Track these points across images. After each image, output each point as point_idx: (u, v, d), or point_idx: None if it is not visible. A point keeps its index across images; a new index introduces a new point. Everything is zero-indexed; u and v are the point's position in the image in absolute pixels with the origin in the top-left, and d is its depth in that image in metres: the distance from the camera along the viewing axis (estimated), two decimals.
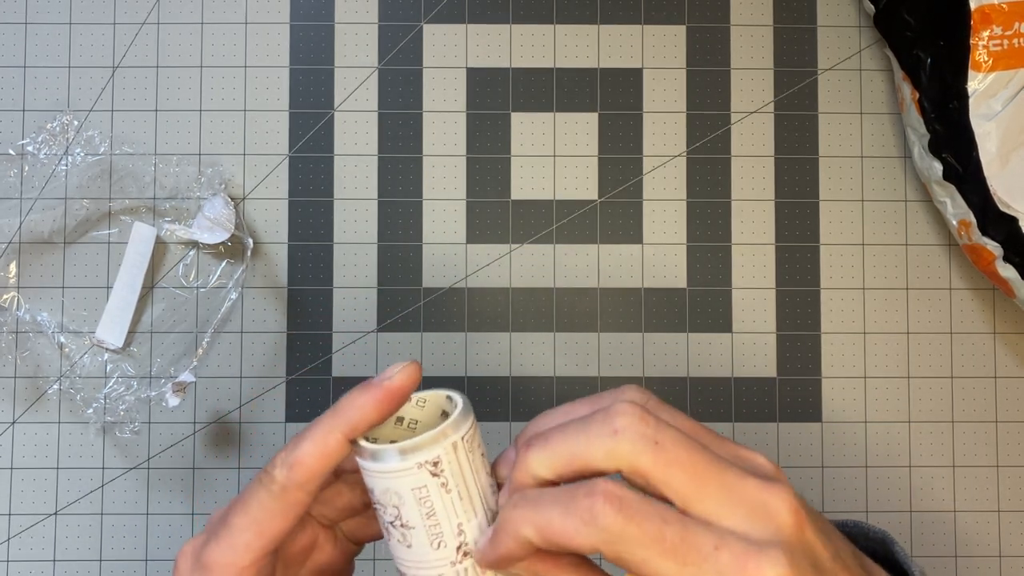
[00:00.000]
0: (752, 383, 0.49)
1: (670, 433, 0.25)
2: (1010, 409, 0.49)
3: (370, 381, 0.28)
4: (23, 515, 0.48)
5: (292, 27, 0.50)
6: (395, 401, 0.28)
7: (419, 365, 0.28)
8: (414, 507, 0.27)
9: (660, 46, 0.50)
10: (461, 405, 0.28)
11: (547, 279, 0.49)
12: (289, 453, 0.28)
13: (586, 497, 0.24)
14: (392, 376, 0.28)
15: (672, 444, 0.25)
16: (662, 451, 0.25)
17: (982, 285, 0.50)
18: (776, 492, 0.25)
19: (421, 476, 0.27)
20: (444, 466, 0.27)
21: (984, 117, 0.43)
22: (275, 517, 0.28)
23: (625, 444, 0.25)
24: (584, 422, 0.26)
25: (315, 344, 0.49)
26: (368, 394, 0.28)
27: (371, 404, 0.28)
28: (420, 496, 0.27)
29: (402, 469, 0.27)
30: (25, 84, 0.49)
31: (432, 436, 0.27)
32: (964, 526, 0.49)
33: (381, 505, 0.28)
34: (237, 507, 0.28)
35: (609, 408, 0.26)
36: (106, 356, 0.48)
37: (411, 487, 0.27)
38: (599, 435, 0.25)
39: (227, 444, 0.49)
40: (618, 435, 0.25)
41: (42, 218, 0.48)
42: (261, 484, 0.28)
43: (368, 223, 0.49)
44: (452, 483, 0.27)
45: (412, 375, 0.28)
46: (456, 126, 0.50)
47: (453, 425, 0.27)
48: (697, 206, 0.50)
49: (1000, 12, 0.43)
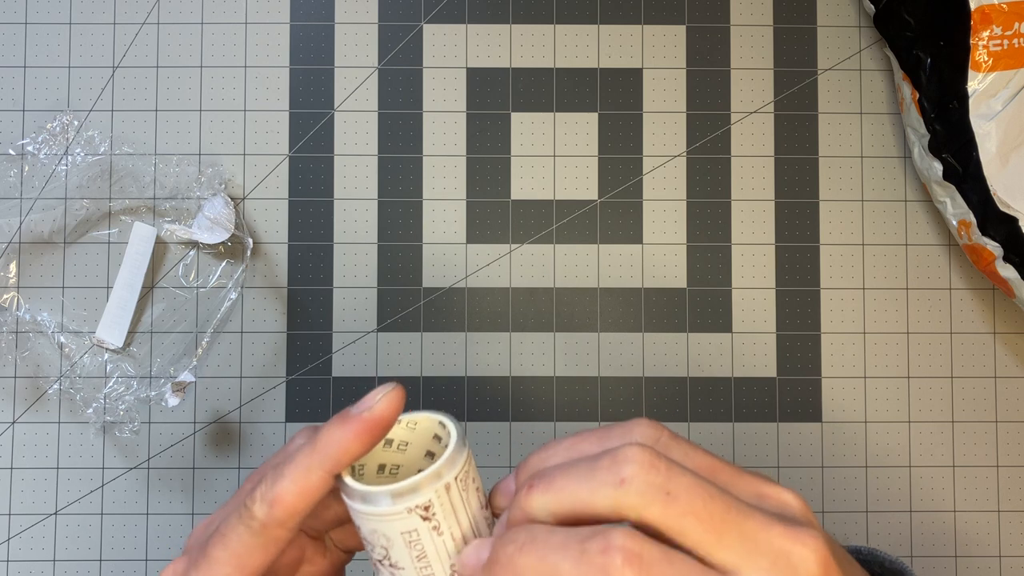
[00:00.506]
0: (752, 383, 0.49)
1: (683, 480, 0.23)
2: (1010, 409, 0.49)
3: (349, 412, 0.26)
4: (23, 515, 0.48)
5: (292, 27, 0.50)
6: (377, 433, 0.26)
7: (402, 390, 0.27)
8: (403, 550, 0.26)
9: (660, 46, 0.50)
10: (454, 440, 0.26)
11: (547, 279, 0.49)
12: (269, 489, 0.26)
13: (600, 554, 0.22)
14: (372, 406, 0.26)
15: (685, 492, 0.23)
16: (674, 502, 0.23)
17: (982, 285, 0.50)
18: (802, 539, 0.23)
19: (411, 521, 0.25)
20: (436, 509, 0.25)
21: (984, 117, 0.43)
22: (255, 552, 0.27)
23: (632, 497, 0.23)
24: (590, 467, 0.24)
25: (315, 344, 0.49)
26: (348, 427, 0.26)
27: (351, 438, 0.26)
28: (410, 540, 0.26)
29: (391, 513, 0.25)
30: (25, 84, 0.49)
31: (423, 479, 0.25)
32: (964, 526, 0.49)
33: (368, 543, 0.27)
34: (216, 540, 0.27)
35: (617, 453, 0.24)
36: (106, 356, 0.48)
37: (400, 531, 0.25)
38: (604, 483, 0.24)
39: (227, 444, 0.49)
40: (625, 485, 0.23)
41: (42, 218, 0.48)
42: (240, 519, 0.27)
43: (368, 223, 0.49)
44: (444, 525, 0.26)
45: (393, 403, 0.26)
46: (456, 126, 0.50)
47: (446, 465, 0.25)
48: (697, 206, 0.50)
49: (1000, 12, 0.43)
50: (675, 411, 0.49)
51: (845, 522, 0.49)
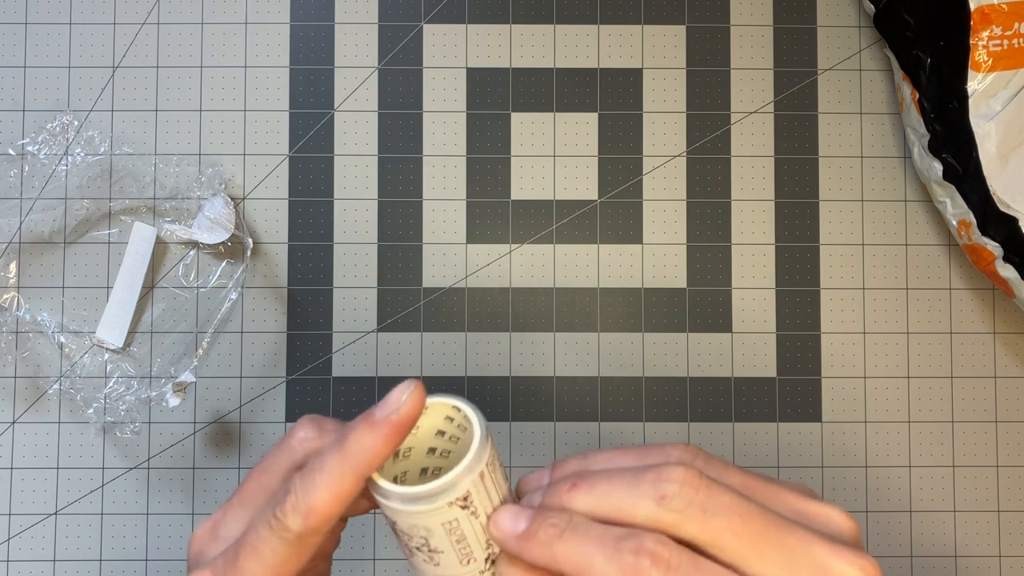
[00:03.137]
0: (752, 383, 0.49)
1: (722, 499, 0.24)
2: (1010, 409, 0.49)
3: (375, 416, 0.27)
4: (23, 515, 0.48)
5: (292, 27, 0.50)
6: (405, 433, 0.27)
7: (423, 387, 0.27)
8: (443, 537, 0.27)
9: (660, 46, 0.50)
10: (480, 429, 0.27)
11: (547, 279, 0.49)
12: (301, 499, 0.26)
13: (632, 553, 0.23)
14: (399, 409, 0.27)
15: (724, 510, 0.24)
16: (711, 519, 0.24)
17: (982, 285, 0.50)
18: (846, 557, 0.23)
19: (452, 512, 0.26)
20: (473, 497, 0.26)
21: (984, 117, 0.43)
22: (290, 562, 0.27)
23: (671, 514, 0.24)
24: (634, 477, 0.25)
25: (315, 344, 0.49)
26: (378, 433, 0.26)
27: (382, 442, 0.26)
28: (450, 528, 0.27)
29: (432, 509, 0.26)
30: (25, 84, 0.49)
31: (460, 474, 0.26)
32: (964, 526, 0.49)
33: (406, 535, 0.27)
34: (248, 552, 0.27)
35: (661, 470, 0.25)
36: (106, 356, 0.48)
37: (441, 522, 0.26)
38: (646, 496, 0.24)
39: (227, 444, 0.49)
40: (666, 502, 0.24)
41: (42, 218, 0.48)
42: (273, 532, 0.27)
43: (368, 223, 0.49)
44: (480, 508, 0.27)
45: (419, 402, 0.27)
46: (456, 126, 0.50)
47: (477, 455, 0.26)
48: (697, 206, 0.50)
49: (1000, 12, 0.43)
50: (675, 411, 0.49)
51: None
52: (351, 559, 0.48)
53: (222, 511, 0.30)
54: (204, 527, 0.30)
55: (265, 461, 0.30)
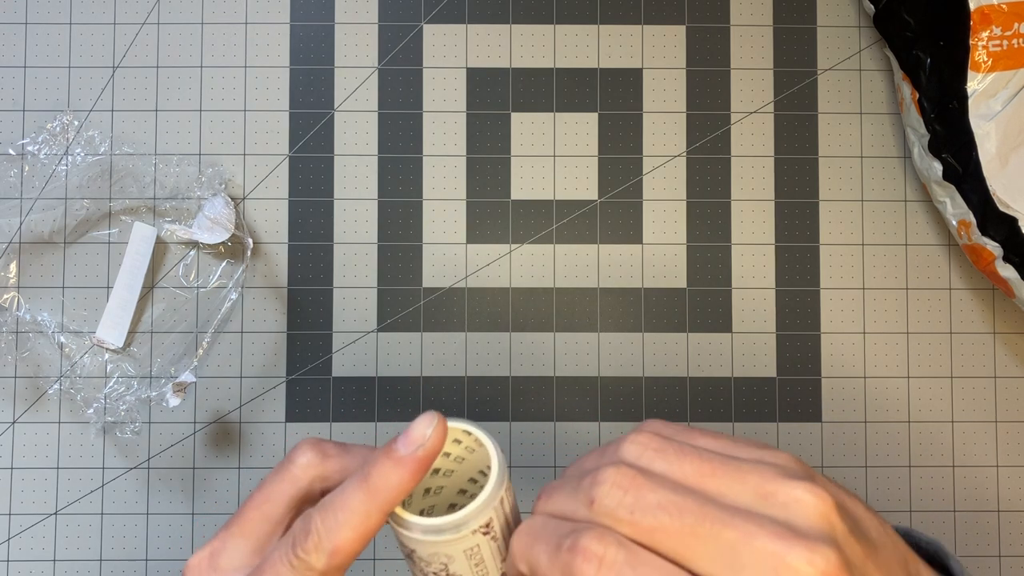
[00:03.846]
0: (752, 383, 0.49)
1: (650, 498, 0.24)
2: (1010, 409, 0.49)
3: (398, 450, 0.27)
4: (23, 515, 0.48)
5: (292, 27, 0.50)
6: (428, 467, 0.27)
7: (444, 419, 0.27)
8: (464, 562, 0.27)
9: (660, 46, 0.50)
10: (496, 456, 0.27)
11: (547, 279, 0.49)
12: (324, 539, 0.26)
13: (568, 551, 0.23)
14: (424, 444, 0.27)
15: (653, 510, 0.23)
16: (641, 518, 0.23)
17: (982, 285, 0.50)
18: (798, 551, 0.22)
19: (475, 539, 0.27)
20: (494, 523, 0.27)
21: (984, 117, 0.43)
22: None
23: (601, 516, 0.24)
24: (574, 487, 0.26)
25: (315, 344, 0.49)
26: (404, 469, 0.27)
27: (408, 478, 0.27)
28: (471, 553, 0.27)
29: (457, 538, 0.26)
30: (25, 84, 0.49)
31: (483, 504, 0.26)
32: (964, 526, 0.49)
33: (424, 562, 0.27)
34: None
35: (596, 473, 0.25)
36: (106, 356, 0.48)
37: (463, 549, 0.27)
38: (580, 503, 0.25)
39: (227, 444, 0.49)
40: (594, 506, 0.24)
41: (42, 218, 0.48)
42: (294, 571, 0.27)
43: (368, 223, 0.49)
44: (499, 532, 0.27)
45: (441, 436, 0.27)
46: (456, 126, 0.50)
47: (497, 484, 0.27)
48: (697, 206, 0.50)
49: (1000, 12, 0.43)
50: (675, 411, 0.49)
51: None
52: None
53: (220, 540, 0.29)
54: (201, 555, 0.30)
55: (265, 489, 0.29)
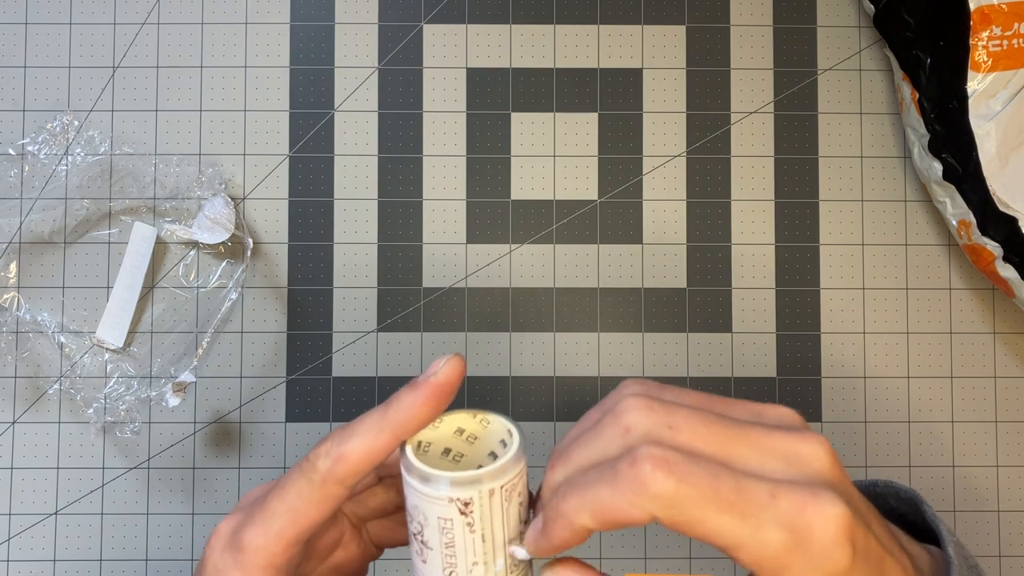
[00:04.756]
0: (752, 383, 0.49)
1: (681, 412, 0.25)
2: (1010, 409, 0.49)
3: (416, 379, 0.28)
4: (23, 515, 0.48)
5: (292, 27, 0.50)
6: (442, 398, 0.28)
7: (462, 359, 0.28)
8: (436, 533, 0.27)
9: (660, 46, 0.50)
10: (511, 453, 0.27)
11: (547, 279, 0.49)
12: (335, 445, 0.27)
13: (630, 467, 0.24)
14: (437, 372, 0.28)
15: (686, 422, 0.25)
16: (678, 432, 0.25)
17: (982, 285, 0.50)
18: (806, 440, 0.25)
19: (449, 509, 0.26)
20: (475, 508, 0.26)
21: (984, 117, 0.43)
22: (311, 507, 0.28)
23: (639, 438, 0.25)
24: (596, 429, 0.26)
25: (315, 344, 0.49)
26: (416, 392, 0.27)
27: (420, 402, 0.27)
28: (443, 526, 0.27)
29: (433, 496, 0.26)
30: (25, 84, 0.49)
31: (470, 477, 0.26)
32: (964, 526, 0.49)
33: (409, 516, 0.28)
34: (276, 492, 0.28)
35: (615, 407, 0.26)
36: (106, 356, 0.48)
37: (437, 515, 0.27)
38: (612, 438, 0.25)
39: (227, 444, 0.49)
40: (631, 432, 0.25)
41: (42, 218, 0.48)
42: (302, 472, 0.28)
43: (368, 223, 0.49)
44: (479, 525, 0.27)
45: (456, 369, 0.28)
46: (456, 126, 0.50)
47: (496, 472, 0.27)
48: (697, 206, 0.50)
49: (1000, 12, 0.43)
50: None
51: None
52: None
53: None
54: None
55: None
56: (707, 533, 0.24)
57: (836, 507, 0.23)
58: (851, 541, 0.23)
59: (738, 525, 0.23)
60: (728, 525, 0.23)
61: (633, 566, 0.49)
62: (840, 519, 0.23)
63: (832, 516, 0.23)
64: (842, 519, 0.23)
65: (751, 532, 0.23)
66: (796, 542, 0.23)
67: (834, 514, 0.23)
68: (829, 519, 0.23)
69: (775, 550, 0.23)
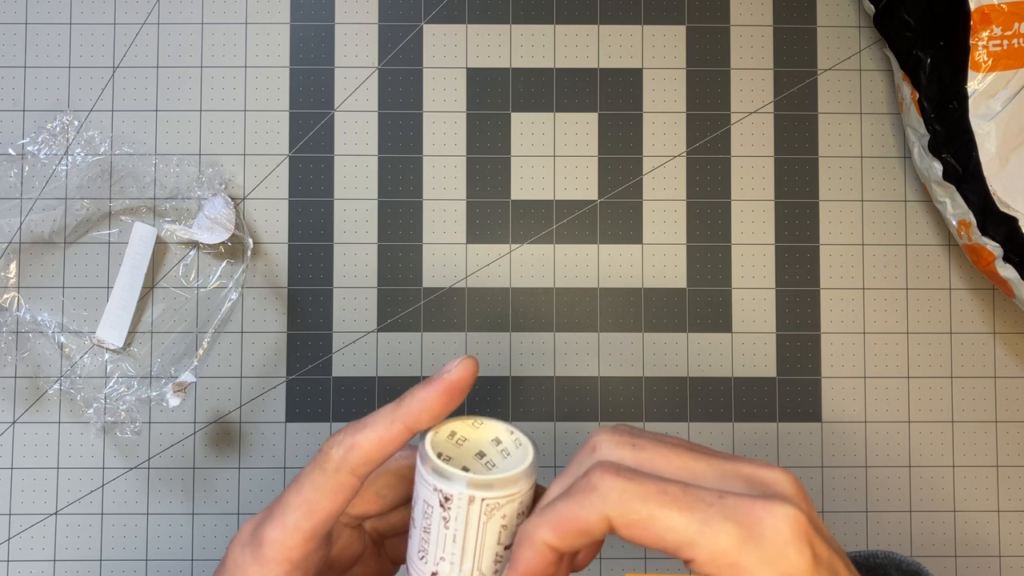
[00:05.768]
0: (752, 383, 0.49)
1: (648, 436, 0.26)
2: (1010, 409, 0.49)
3: (431, 377, 0.29)
4: (23, 515, 0.48)
5: (292, 27, 0.50)
6: (455, 395, 0.29)
7: (476, 360, 0.29)
8: (420, 513, 0.28)
9: (660, 46, 0.50)
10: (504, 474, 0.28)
11: (547, 279, 0.49)
12: (348, 436, 0.28)
13: (583, 477, 0.25)
14: (451, 370, 0.29)
15: (650, 443, 0.26)
16: (640, 451, 0.26)
17: (982, 285, 0.50)
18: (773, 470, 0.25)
19: (433, 497, 0.28)
20: (452, 507, 0.27)
21: (984, 117, 0.43)
22: (325, 497, 0.28)
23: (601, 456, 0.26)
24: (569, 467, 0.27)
25: (315, 344, 0.49)
26: (429, 388, 0.29)
27: (432, 396, 0.28)
28: (425, 510, 0.28)
29: (424, 479, 0.28)
30: (25, 84, 0.49)
31: (453, 474, 0.27)
32: (964, 526, 0.49)
33: (413, 498, 0.29)
34: (292, 486, 0.29)
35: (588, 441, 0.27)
36: (106, 356, 0.48)
37: (423, 498, 0.28)
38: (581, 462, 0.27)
39: (227, 444, 0.49)
40: (595, 451, 0.26)
41: (42, 218, 0.48)
42: (315, 463, 0.29)
43: (368, 223, 0.49)
44: (453, 525, 0.28)
45: (469, 368, 0.29)
46: (456, 126, 0.50)
47: (479, 482, 0.27)
48: (697, 206, 0.50)
49: (1000, 12, 0.43)
50: (675, 411, 0.49)
51: (845, 522, 0.49)
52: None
53: None
54: None
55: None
56: (659, 534, 0.24)
57: (787, 507, 0.23)
58: (809, 544, 0.23)
59: (686, 519, 0.24)
60: (677, 520, 0.24)
61: (633, 566, 0.49)
62: (791, 518, 0.23)
63: (782, 515, 0.23)
64: (793, 518, 0.23)
65: (699, 526, 0.23)
66: (747, 536, 0.23)
67: (784, 513, 0.23)
68: (779, 517, 0.23)
69: (727, 544, 0.23)
